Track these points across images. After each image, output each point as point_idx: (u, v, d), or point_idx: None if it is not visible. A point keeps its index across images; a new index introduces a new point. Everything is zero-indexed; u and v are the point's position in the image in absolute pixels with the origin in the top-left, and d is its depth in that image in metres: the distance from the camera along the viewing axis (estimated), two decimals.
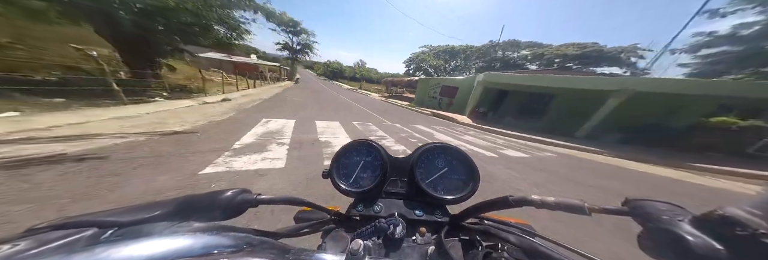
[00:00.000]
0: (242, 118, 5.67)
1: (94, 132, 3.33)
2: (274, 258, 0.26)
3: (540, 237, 0.42)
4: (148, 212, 0.30)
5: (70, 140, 2.95)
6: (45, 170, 2.18)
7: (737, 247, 0.20)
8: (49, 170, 2.19)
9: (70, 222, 0.26)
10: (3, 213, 1.59)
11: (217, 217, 0.34)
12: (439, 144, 0.64)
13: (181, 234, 0.24)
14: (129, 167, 2.41)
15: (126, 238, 0.24)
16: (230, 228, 0.29)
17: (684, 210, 0.27)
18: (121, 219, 0.28)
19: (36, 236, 0.22)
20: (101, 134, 3.28)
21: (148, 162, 2.58)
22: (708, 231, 0.22)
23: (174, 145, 3.24)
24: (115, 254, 0.19)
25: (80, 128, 3.45)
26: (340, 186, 0.60)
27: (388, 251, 0.43)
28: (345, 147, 0.66)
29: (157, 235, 0.24)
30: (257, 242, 0.27)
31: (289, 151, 3.54)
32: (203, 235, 0.24)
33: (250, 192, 0.38)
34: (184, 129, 4.09)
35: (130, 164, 2.49)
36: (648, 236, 0.25)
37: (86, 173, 2.21)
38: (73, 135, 3.14)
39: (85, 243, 0.23)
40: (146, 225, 0.27)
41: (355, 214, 0.56)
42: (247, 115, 6.13)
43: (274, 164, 2.97)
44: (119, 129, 3.63)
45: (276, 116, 6.37)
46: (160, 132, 3.72)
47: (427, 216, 0.54)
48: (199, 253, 0.22)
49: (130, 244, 0.20)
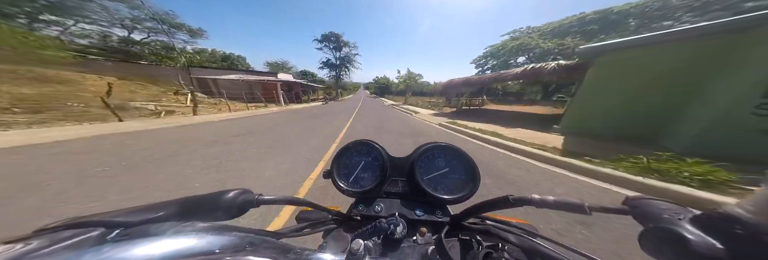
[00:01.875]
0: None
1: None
2: (275, 257, 0.26)
3: (540, 237, 0.42)
4: (152, 212, 0.30)
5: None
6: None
7: (738, 246, 0.20)
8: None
9: (78, 222, 0.26)
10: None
11: (219, 217, 0.34)
12: (440, 144, 0.64)
13: (184, 234, 0.24)
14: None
15: (132, 238, 0.25)
16: (232, 228, 0.29)
17: (684, 208, 0.27)
18: (127, 219, 0.28)
19: (47, 235, 0.23)
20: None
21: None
22: (708, 230, 0.22)
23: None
24: (122, 253, 0.19)
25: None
26: (340, 186, 0.61)
27: (389, 251, 0.43)
28: (345, 147, 0.66)
29: (161, 235, 0.24)
30: (259, 241, 0.28)
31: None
32: (206, 235, 0.25)
33: (251, 193, 0.38)
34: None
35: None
36: (648, 235, 0.25)
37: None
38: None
39: (93, 243, 0.24)
40: (151, 225, 0.27)
41: (356, 214, 0.57)
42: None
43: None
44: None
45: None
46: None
47: (427, 216, 0.54)
48: (203, 252, 0.22)
49: (135, 244, 0.20)
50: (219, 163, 3.46)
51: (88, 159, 3.44)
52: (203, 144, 4.65)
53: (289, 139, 5.48)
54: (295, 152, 4.28)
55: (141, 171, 3.01)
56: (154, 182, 2.67)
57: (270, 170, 3.21)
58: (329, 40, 38.75)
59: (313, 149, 4.50)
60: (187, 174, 2.97)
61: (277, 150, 4.36)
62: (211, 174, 2.99)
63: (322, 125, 8.16)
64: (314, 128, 7.22)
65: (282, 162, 3.59)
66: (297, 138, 5.59)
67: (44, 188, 2.44)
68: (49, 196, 2.29)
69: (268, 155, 3.97)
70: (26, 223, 1.88)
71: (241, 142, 4.99)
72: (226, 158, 3.70)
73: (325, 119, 10.00)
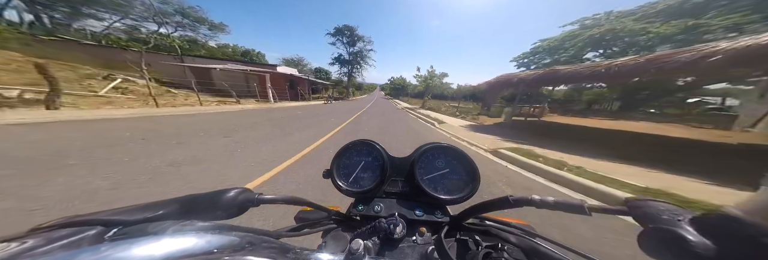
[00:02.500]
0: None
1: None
2: (274, 257, 0.26)
3: (540, 238, 0.43)
4: (151, 211, 0.30)
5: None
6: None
7: (737, 247, 0.21)
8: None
9: (75, 220, 0.26)
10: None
11: (219, 216, 0.34)
12: (440, 144, 0.64)
13: (183, 233, 0.24)
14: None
15: (130, 237, 0.25)
16: (232, 228, 0.29)
17: (684, 210, 0.27)
18: (125, 217, 0.28)
19: (43, 234, 0.23)
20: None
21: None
22: (707, 231, 0.22)
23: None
24: (120, 252, 0.19)
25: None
26: (340, 186, 0.61)
27: (388, 251, 0.43)
28: (345, 147, 0.66)
29: (160, 234, 0.24)
30: (258, 241, 0.27)
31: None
32: (205, 234, 0.25)
33: (251, 192, 0.38)
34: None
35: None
36: (648, 236, 0.25)
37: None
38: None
39: (90, 242, 0.24)
40: (149, 223, 0.27)
41: (356, 214, 0.57)
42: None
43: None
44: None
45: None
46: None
47: (427, 216, 0.54)
48: (202, 252, 0.22)
49: (133, 242, 0.20)
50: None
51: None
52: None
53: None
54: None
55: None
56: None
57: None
58: (342, 34, 35.94)
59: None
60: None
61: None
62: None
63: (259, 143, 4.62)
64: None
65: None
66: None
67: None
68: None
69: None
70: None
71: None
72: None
73: (286, 129, 6.52)
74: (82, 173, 2.77)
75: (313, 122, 8.54)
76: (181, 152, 3.83)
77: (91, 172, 2.82)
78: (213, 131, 5.70)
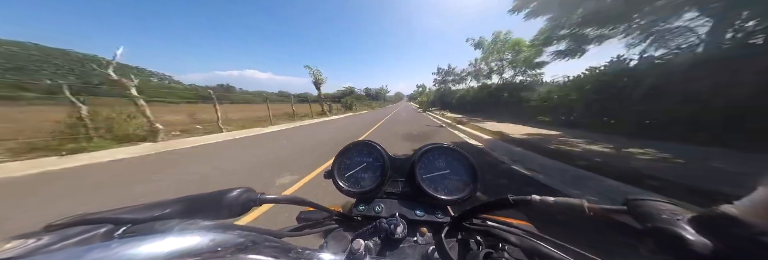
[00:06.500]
0: None
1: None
2: (276, 256, 0.27)
3: (541, 238, 0.43)
4: (158, 210, 0.31)
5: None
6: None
7: (737, 247, 0.21)
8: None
9: (86, 218, 0.27)
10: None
11: (222, 216, 0.35)
12: (440, 145, 0.64)
13: (188, 232, 0.25)
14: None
15: (138, 234, 0.26)
16: (235, 227, 0.30)
17: (684, 209, 0.27)
18: (134, 216, 0.29)
19: (56, 231, 0.24)
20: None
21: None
22: (706, 230, 0.22)
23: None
24: (129, 249, 0.20)
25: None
26: (341, 187, 0.61)
27: (389, 251, 0.43)
28: (346, 148, 0.67)
29: (166, 232, 0.25)
30: (261, 240, 0.28)
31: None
32: (209, 233, 0.25)
33: (254, 192, 0.39)
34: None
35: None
36: (647, 235, 0.25)
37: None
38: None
39: (101, 239, 0.25)
40: (157, 222, 0.28)
41: (357, 214, 0.57)
42: None
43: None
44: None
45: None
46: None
47: (427, 217, 0.54)
48: (205, 250, 0.23)
49: (141, 240, 0.21)
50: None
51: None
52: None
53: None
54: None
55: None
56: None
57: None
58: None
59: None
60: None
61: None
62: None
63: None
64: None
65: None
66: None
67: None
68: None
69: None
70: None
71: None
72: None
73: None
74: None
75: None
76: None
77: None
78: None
